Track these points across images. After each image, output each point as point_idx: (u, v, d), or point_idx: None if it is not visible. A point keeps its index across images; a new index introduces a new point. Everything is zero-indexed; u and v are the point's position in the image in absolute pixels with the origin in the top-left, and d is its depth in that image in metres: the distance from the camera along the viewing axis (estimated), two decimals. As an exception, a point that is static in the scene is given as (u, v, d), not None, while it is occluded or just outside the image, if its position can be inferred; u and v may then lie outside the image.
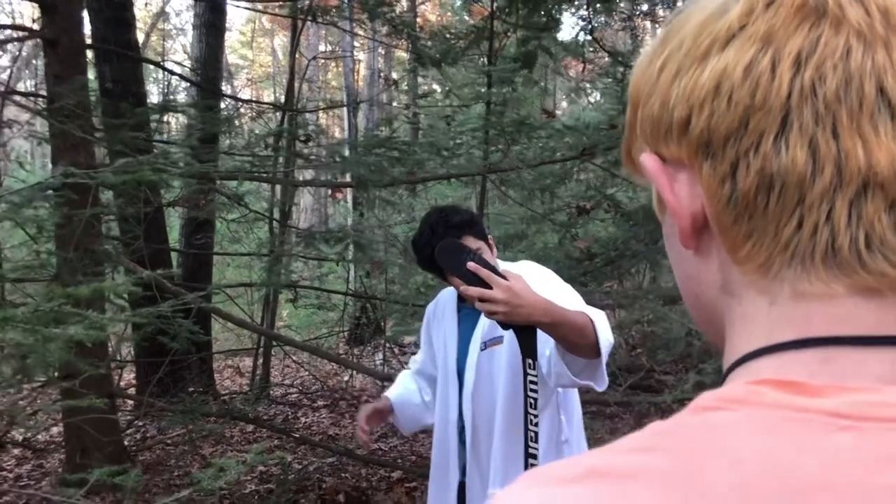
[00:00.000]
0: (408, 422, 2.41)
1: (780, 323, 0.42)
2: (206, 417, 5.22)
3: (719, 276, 0.46)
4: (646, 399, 4.62)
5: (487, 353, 2.11)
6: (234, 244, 7.42)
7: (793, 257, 0.42)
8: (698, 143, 0.43)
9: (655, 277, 7.83)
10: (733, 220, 0.43)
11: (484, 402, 2.11)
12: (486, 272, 1.72)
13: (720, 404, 0.40)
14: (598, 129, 5.36)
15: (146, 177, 2.38)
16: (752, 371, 0.42)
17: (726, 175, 0.42)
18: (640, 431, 0.41)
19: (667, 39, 0.47)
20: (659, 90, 0.46)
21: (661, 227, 0.51)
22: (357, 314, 8.67)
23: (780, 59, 0.41)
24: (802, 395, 0.38)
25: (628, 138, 0.51)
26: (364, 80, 12.94)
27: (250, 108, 7.39)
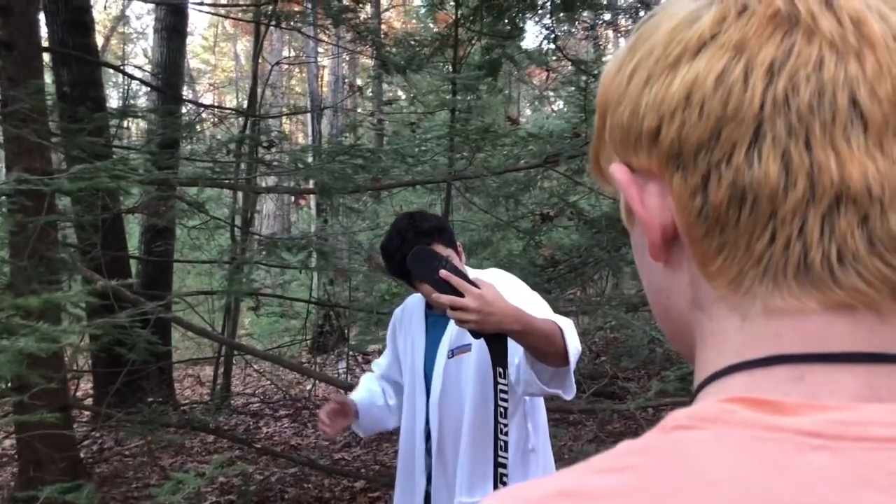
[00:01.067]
0: (370, 424, 2.38)
1: (751, 339, 0.41)
2: (166, 428, 5.12)
3: (689, 290, 0.45)
4: (609, 406, 4.64)
5: (455, 360, 2.11)
6: (195, 251, 7.31)
7: (765, 272, 0.41)
8: (668, 153, 0.42)
9: (618, 284, 7.91)
10: (704, 233, 0.42)
11: (451, 410, 2.10)
12: (458, 280, 1.71)
13: (691, 423, 0.39)
14: (562, 137, 5.40)
15: (103, 184, 2.32)
16: (724, 388, 0.41)
17: (697, 187, 0.41)
18: (610, 451, 0.40)
19: (636, 46, 0.45)
20: (628, 98, 0.45)
21: (629, 236, 0.50)
22: (320, 322, 8.60)
23: (752, 68, 0.40)
24: (775, 414, 0.37)
25: (596, 145, 0.50)
26: (328, 86, 12.89)
27: (212, 114, 7.30)
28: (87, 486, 1.96)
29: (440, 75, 7.09)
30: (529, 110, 18.39)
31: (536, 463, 2.14)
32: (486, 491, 2.05)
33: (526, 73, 10.21)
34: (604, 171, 0.49)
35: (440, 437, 2.12)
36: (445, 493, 2.12)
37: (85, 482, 4.50)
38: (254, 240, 6.15)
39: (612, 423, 5.71)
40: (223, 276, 6.11)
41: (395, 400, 2.39)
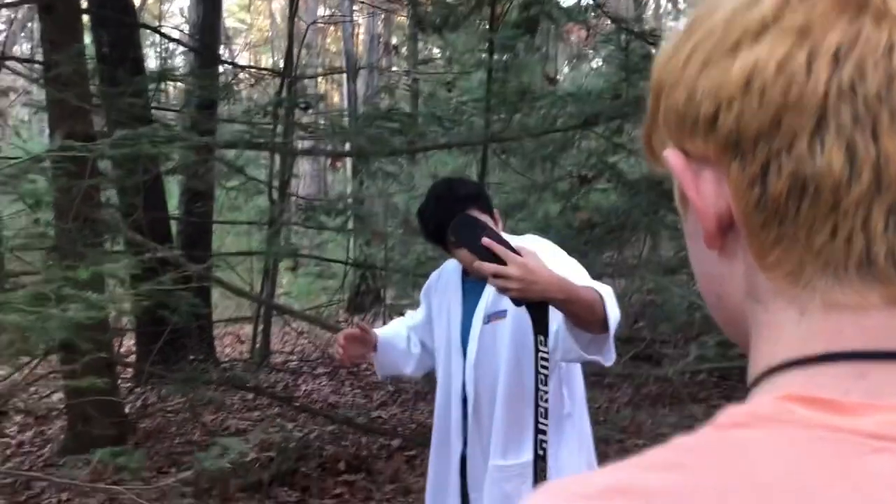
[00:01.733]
0: (387, 363, 2.38)
1: (810, 334, 0.40)
2: (207, 386, 5.24)
3: (744, 281, 0.43)
4: (647, 372, 4.63)
5: (491, 326, 2.12)
6: (234, 212, 7.39)
7: (825, 266, 0.39)
8: (726, 141, 0.41)
9: (656, 246, 7.83)
10: (762, 224, 0.41)
11: (486, 375, 2.12)
12: (502, 248, 1.71)
13: (747, 420, 0.38)
14: (601, 97, 5.31)
15: (145, 150, 2.35)
16: (781, 385, 0.40)
17: (756, 177, 0.40)
18: (663, 446, 0.39)
19: (693, 28, 0.44)
20: (684, 82, 0.43)
21: (674, 207, 0.48)
22: (357, 282, 8.68)
23: (816, 54, 0.38)
24: (834, 414, 0.36)
25: (648, 126, 0.48)
26: (364, 45, 12.81)
27: (249, 74, 7.31)
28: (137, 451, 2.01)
29: (477, 34, 6.99)
30: (567, 68, 18.08)
31: (572, 428, 2.15)
32: (519, 455, 2.07)
33: (564, 31, 10.01)
34: (656, 151, 0.48)
35: (476, 402, 2.14)
36: (480, 455, 2.15)
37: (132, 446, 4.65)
38: (291, 202, 6.19)
39: (647, 386, 5.70)
40: (261, 237, 6.18)
41: (419, 350, 2.39)
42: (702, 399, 5.49)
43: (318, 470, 4.65)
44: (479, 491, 2.14)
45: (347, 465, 4.70)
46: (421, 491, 3.98)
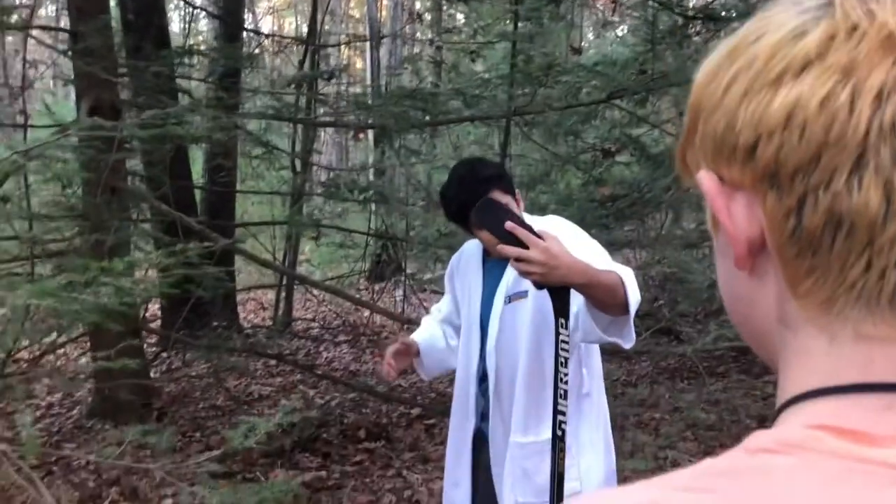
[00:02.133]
0: (433, 364, 2.45)
1: (840, 364, 0.41)
2: (230, 352, 5.32)
3: (776, 305, 0.44)
4: (666, 347, 4.64)
5: (511, 306, 2.14)
6: (257, 181, 7.43)
7: (858, 298, 0.40)
8: (764, 172, 0.41)
9: (678, 219, 7.77)
10: (796, 254, 0.41)
11: (507, 354, 2.15)
12: (524, 232, 1.73)
13: (777, 447, 0.39)
14: (626, 69, 5.25)
15: (173, 130, 2.38)
16: (810, 412, 0.41)
17: (792, 209, 0.41)
18: (694, 468, 0.41)
19: (734, 54, 0.44)
20: (724, 109, 0.44)
21: (714, 240, 0.49)
22: (378, 252, 8.72)
23: (860, 93, 0.38)
24: (863, 445, 0.37)
25: (684, 145, 0.49)
26: (387, 13, 12.71)
27: (272, 42, 7.30)
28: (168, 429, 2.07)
29: (501, 3, 6.92)
30: (592, 35, 17.83)
31: (590, 406, 2.18)
32: (539, 433, 2.11)
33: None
34: (690, 168, 0.49)
35: (497, 380, 2.17)
36: (501, 431, 2.19)
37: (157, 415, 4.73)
38: (314, 172, 6.21)
39: (666, 360, 5.72)
40: (284, 205, 6.20)
41: (456, 340, 2.44)
42: (720, 374, 5.50)
43: (338, 437, 4.73)
44: (500, 467, 2.19)
45: (368, 433, 4.77)
46: (439, 460, 4.05)
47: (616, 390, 4.84)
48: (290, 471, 4.23)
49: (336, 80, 5.83)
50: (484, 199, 1.89)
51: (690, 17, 6.21)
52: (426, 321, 2.54)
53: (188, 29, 8.42)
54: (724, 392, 4.51)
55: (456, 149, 7.93)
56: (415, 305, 7.43)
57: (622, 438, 4.01)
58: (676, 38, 4.75)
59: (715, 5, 6.50)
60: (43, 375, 3.68)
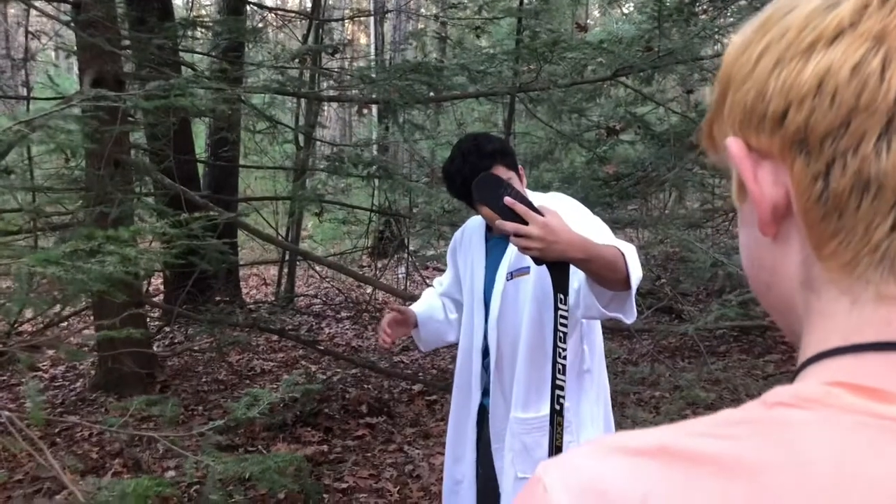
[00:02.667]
0: (430, 336, 2.45)
1: (860, 323, 0.42)
2: (233, 327, 5.35)
3: (802, 269, 0.45)
4: (667, 327, 4.64)
5: (513, 282, 2.14)
6: (259, 156, 7.42)
7: (882, 259, 0.41)
8: (794, 138, 0.43)
9: (682, 198, 7.76)
10: (821, 217, 0.42)
11: (509, 330, 2.15)
12: (523, 208, 1.72)
13: (795, 401, 0.40)
14: (632, 47, 5.21)
15: (177, 102, 2.37)
16: (829, 370, 0.42)
17: (820, 173, 0.42)
18: (711, 417, 0.42)
19: (766, 26, 0.45)
20: (755, 79, 0.45)
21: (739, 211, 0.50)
22: (381, 228, 8.72)
23: (891, 60, 0.39)
24: (879, 402, 0.38)
25: (711, 117, 0.50)
26: (392, -13, 12.59)
27: (277, 16, 7.25)
28: (171, 400, 2.08)
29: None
30: (598, 13, 17.70)
31: (591, 382, 2.19)
32: (539, 408, 2.12)
33: (597, -25, 9.79)
34: (717, 142, 0.49)
35: (498, 355, 2.18)
36: (503, 407, 2.20)
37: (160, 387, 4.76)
38: (317, 148, 6.19)
39: (668, 339, 5.73)
40: (287, 180, 6.19)
41: (456, 314, 2.45)
42: (721, 353, 5.51)
43: (340, 412, 4.76)
44: (500, 442, 2.20)
45: (369, 408, 4.80)
46: (440, 435, 4.08)
47: (617, 368, 4.86)
48: (292, 444, 4.27)
49: (340, 55, 5.79)
50: (483, 174, 1.88)
51: (698, -7, 6.15)
52: (427, 293, 2.54)
53: (192, 2, 8.37)
54: (724, 371, 4.52)
55: (460, 125, 7.91)
56: (417, 282, 7.45)
57: (622, 416, 4.03)
58: (683, 15, 4.71)
59: (723, -17, 6.45)
60: (46, 344, 3.70)
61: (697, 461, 0.39)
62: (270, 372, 5.63)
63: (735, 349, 5.65)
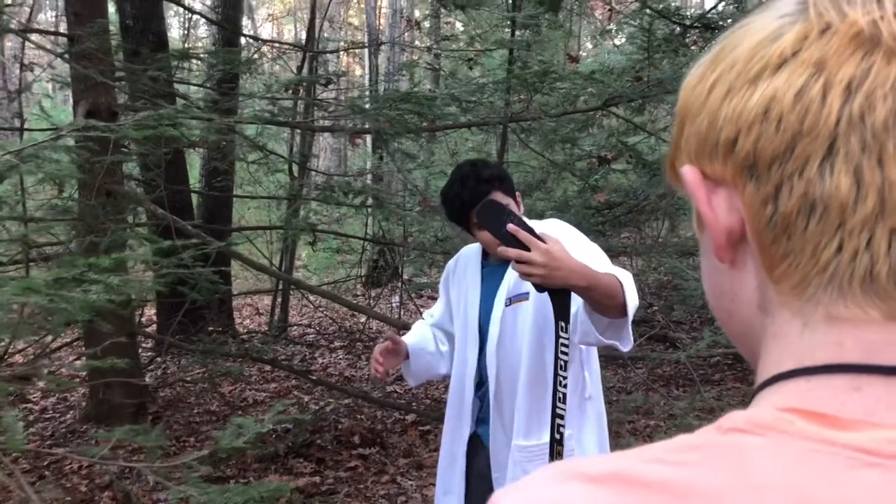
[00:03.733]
0: (420, 369, 2.41)
1: (812, 345, 0.43)
2: (226, 358, 5.32)
3: (757, 293, 0.46)
4: (660, 355, 4.64)
5: (512, 308, 2.13)
6: (254, 186, 7.44)
7: (830, 280, 0.42)
8: (744, 164, 0.44)
9: (674, 227, 7.80)
10: (772, 239, 0.43)
11: (508, 357, 2.13)
12: (526, 235, 1.73)
13: (749, 427, 0.40)
14: (622, 77, 5.27)
15: (167, 132, 2.38)
16: (783, 394, 0.43)
17: (769, 196, 0.43)
18: (667, 442, 0.42)
19: (718, 59, 0.47)
20: (708, 109, 0.46)
21: (700, 240, 0.51)
22: (375, 257, 8.72)
23: (831, 86, 0.41)
24: (830, 428, 0.39)
25: (673, 151, 0.51)
26: (386, 20, 12.74)
27: (271, 48, 7.31)
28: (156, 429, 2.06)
29: (500, 11, 6.95)
30: (590, 44, 17.90)
31: (593, 409, 2.17)
32: (541, 436, 2.10)
33: (588, 7, 9.92)
34: (678, 175, 0.50)
35: (497, 384, 2.15)
36: (503, 436, 2.17)
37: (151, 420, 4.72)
38: (311, 177, 6.21)
39: (661, 367, 5.72)
40: (280, 211, 6.20)
41: (447, 346, 2.42)
42: (715, 381, 5.50)
43: (333, 442, 4.72)
44: (502, 471, 2.17)
45: (362, 439, 4.76)
46: (434, 466, 4.04)
47: (611, 397, 4.84)
48: (284, 476, 4.22)
49: (334, 86, 5.84)
50: (486, 199, 1.89)
51: (687, 25, 6.24)
52: (417, 325, 2.52)
53: (187, 34, 8.45)
54: (718, 399, 4.51)
55: (453, 155, 7.95)
56: (412, 311, 7.43)
57: (617, 445, 4.00)
58: (673, 45, 4.78)
59: (711, 14, 6.54)
60: (35, 375, 3.67)
61: (652, 487, 0.39)
62: (263, 402, 5.59)
63: (729, 377, 5.64)
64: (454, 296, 2.34)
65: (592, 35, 15.34)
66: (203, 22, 10.20)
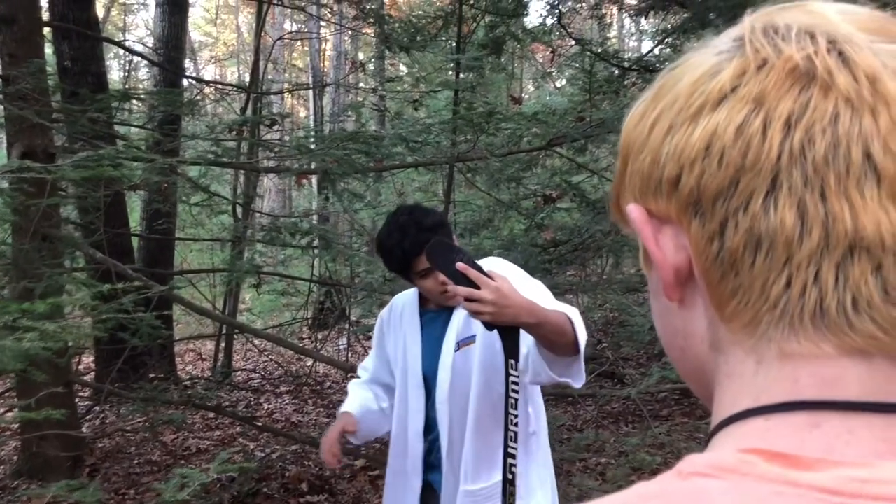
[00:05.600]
0: (366, 432, 2.34)
1: (767, 383, 0.42)
2: (167, 405, 5.15)
3: (708, 332, 0.45)
4: (610, 391, 4.66)
5: (461, 353, 2.10)
6: (197, 228, 7.31)
7: (781, 317, 0.41)
8: (688, 200, 0.43)
9: (618, 264, 7.91)
10: (720, 277, 0.43)
11: (458, 402, 2.10)
12: (476, 273, 1.73)
13: (711, 471, 0.39)
14: (565, 118, 5.37)
15: (107, 173, 2.31)
16: (741, 434, 0.42)
17: (715, 233, 0.42)
18: (626, 491, 0.41)
19: (659, 96, 0.46)
20: (650, 146, 0.46)
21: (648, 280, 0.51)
22: (321, 299, 8.62)
23: (770, 120, 0.41)
24: (793, 469, 0.38)
25: (617, 189, 0.50)
26: (330, 62, 12.79)
27: (214, 89, 7.26)
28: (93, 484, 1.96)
29: (444, 53, 7.05)
30: (532, 86, 18.28)
31: (537, 445, 2.16)
32: (490, 477, 2.07)
33: (529, 50, 10.15)
34: (623, 212, 0.50)
35: (449, 430, 2.11)
36: (453, 482, 2.13)
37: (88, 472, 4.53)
38: (256, 219, 6.13)
39: (610, 405, 5.75)
40: (224, 254, 6.10)
41: (387, 402, 2.36)
42: (664, 417, 5.54)
43: (280, 490, 4.59)
44: None
45: (310, 486, 4.65)
46: (384, 512, 3.96)
47: (562, 435, 4.83)
48: (229, 527, 4.08)
49: (279, 127, 5.81)
50: (435, 239, 1.87)
51: (626, 68, 6.42)
52: (354, 387, 2.43)
53: (128, 76, 8.33)
54: (668, 435, 4.54)
55: (401, 195, 7.97)
56: (359, 353, 7.33)
57: (569, 485, 3.98)
58: (613, 87, 4.90)
59: (649, 57, 6.75)
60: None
61: None
62: (207, 451, 5.42)
63: (677, 412, 5.69)
64: (391, 346, 2.29)
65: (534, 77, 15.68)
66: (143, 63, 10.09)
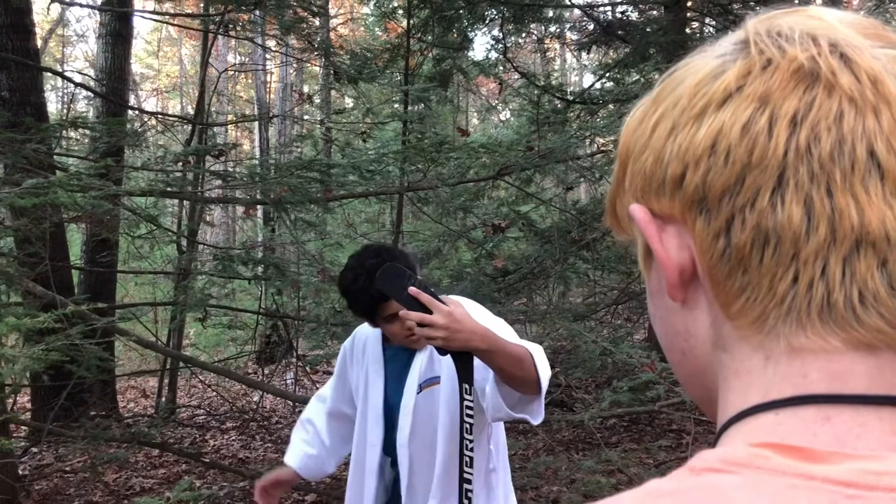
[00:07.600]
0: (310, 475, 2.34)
1: (776, 379, 0.42)
2: (109, 443, 4.98)
3: (712, 331, 0.46)
4: (563, 417, 4.68)
5: (424, 394, 2.06)
6: (139, 261, 7.15)
7: (788, 312, 0.42)
8: (692, 198, 0.44)
9: (565, 293, 7.99)
10: (727, 274, 0.43)
11: (423, 443, 2.06)
12: (427, 297, 1.72)
13: (723, 466, 0.39)
14: (513, 148, 5.46)
15: (58, 199, 2.25)
16: (752, 429, 0.42)
17: (721, 230, 0.43)
18: (638, 489, 0.41)
19: (659, 98, 0.47)
20: (652, 147, 0.46)
21: (646, 281, 0.51)
22: (268, 332, 8.48)
23: (776, 119, 0.42)
24: (807, 462, 0.38)
25: (614, 193, 0.51)
26: (276, 94, 12.75)
27: (158, 121, 7.16)
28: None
29: (391, 85, 7.10)
30: (477, 120, 18.51)
31: (497, 481, 2.13)
32: (451, 508, 2.04)
33: (474, 84, 10.29)
34: (619, 216, 0.50)
35: (410, 472, 2.07)
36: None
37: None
38: (201, 250, 6.03)
39: (561, 432, 5.76)
40: (167, 287, 5.97)
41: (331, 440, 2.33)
42: (613, 444, 5.58)
43: (228, 528, 4.46)
44: None
45: (259, 523, 4.52)
46: (336, 547, 3.87)
47: (514, 464, 4.81)
48: (176, 568, 3.94)
49: (225, 158, 5.74)
50: (387, 265, 1.85)
51: (570, 101, 6.57)
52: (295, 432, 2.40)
53: (68, 107, 8.16)
54: (621, 460, 4.56)
55: (349, 225, 7.94)
56: (307, 387, 7.22)
57: (523, 512, 3.97)
58: (560, 117, 5.00)
59: (592, 90, 6.92)
60: None
61: None
62: (152, 490, 5.25)
63: (626, 439, 5.73)
64: (353, 377, 2.26)
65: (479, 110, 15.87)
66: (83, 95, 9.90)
